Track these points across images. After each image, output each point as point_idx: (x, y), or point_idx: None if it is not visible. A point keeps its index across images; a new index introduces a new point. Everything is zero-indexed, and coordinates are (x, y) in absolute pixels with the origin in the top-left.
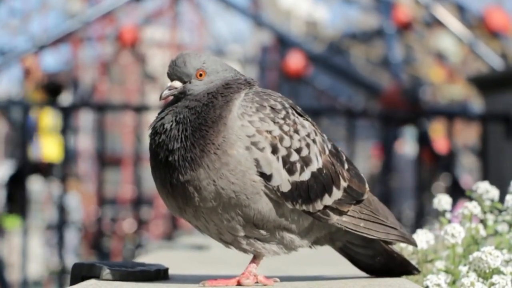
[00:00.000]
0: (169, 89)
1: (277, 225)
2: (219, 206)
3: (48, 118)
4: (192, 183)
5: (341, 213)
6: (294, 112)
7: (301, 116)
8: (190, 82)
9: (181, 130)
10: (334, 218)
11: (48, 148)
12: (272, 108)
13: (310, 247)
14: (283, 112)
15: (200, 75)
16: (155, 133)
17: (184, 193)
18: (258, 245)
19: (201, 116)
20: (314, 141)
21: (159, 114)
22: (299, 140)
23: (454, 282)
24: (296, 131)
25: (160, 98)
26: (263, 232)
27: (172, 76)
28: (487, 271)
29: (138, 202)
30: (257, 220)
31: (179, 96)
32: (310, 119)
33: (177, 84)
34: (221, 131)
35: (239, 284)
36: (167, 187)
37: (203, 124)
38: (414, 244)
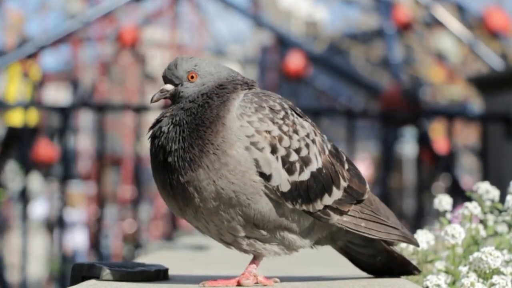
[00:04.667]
0: (161, 92)
1: (278, 225)
2: (219, 207)
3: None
4: (192, 184)
5: (341, 213)
6: (293, 112)
7: (301, 117)
8: (181, 85)
9: (179, 132)
10: (335, 218)
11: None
12: (271, 109)
13: (311, 247)
14: (282, 113)
15: (192, 77)
16: (153, 137)
17: (184, 194)
18: (259, 246)
19: (198, 117)
20: (313, 141)
21: (156, 118)
22: (298, 141)
23: (454, 282)
24: (295, 132)
25: (151, 101)
26: (263, 232)
27: (165, 79)
28: (487, 271)
29: (138, 202)
30: (257, 220)
31: (173, 99)
32: (309, 119)
33: (169, 87)
34: (220, 131)
35: (239, 284)
36: (167, 188)
37: (200, 124)
38: (415, 244)
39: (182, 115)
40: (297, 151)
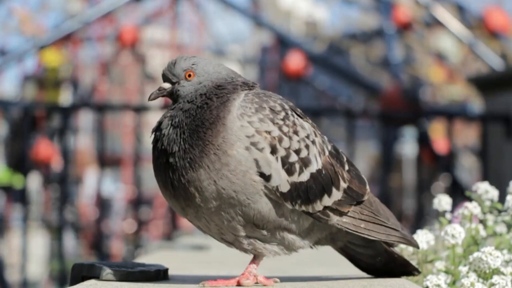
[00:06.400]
0: (158, 90)
1: (278, 226)
2: (219, 206)
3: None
4: (193, 184)
5: (341, 214)
6: (294, 113)
7: (301, 117)
8: (178, 83)
9: (179, 133)
10: (334, 219)
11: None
12: (272, 109)
13: (311, 247)
14: (283, 114)
15: (189, 75)
16: (155, 139)
17: (186, 194)
18: (259, 245)
19: (197, 118)
20: (313, 142)
21: (158, 120)
22: (298, 141)
23: (454, 282)
24: (296, 132)
25: (149, 99)
26: (264, 232)
27: (164, 77)
28: (487, 271)
29: (138, 202)
30: (257, 220)
31: (173, 98)
32: (310, 120)
33: (166, 85)
34: (220, 132)
35: (239, 284)
36: (169, 189)
37: (200, 126)
38: (415, 245)
39: (181, 116)
40: (297, 152)
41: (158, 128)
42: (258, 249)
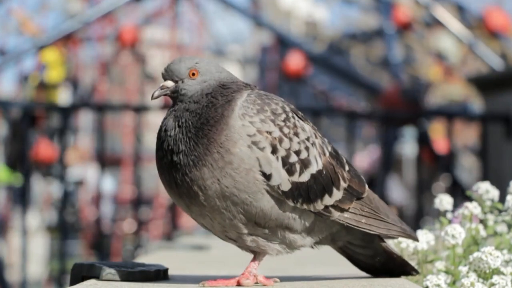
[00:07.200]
0: (161, 88)
1: (279, 224)
2: (222, 205)
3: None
4: (197, 183)
5: (342, 210)
6: (294, 115)
7: (302, 120)
8: (182, 81)
9: (185, 132)
10: (336, 215)
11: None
12: (273, 111)
13: (312, 247)
14: (284, 115)
15: (193, 74)
16: (161, 140)
17: (189, 192)
18: (262, 243)
19: (203, 117)
20: (313, 144)
21: (162, 121)
22: (299, 143)
23: (454, 282)
24: (296, 134)
25: (152, 97)
26: (265, 231)
27: (165, 76)
28: (487, 271)
29: (138, 202)
30: (259, 219)
31: (174, 96)
32: (311, 123)
33: (169, 83)
34: (223, 130)
35: (239, 284)
36: (173, 187)
37: (205, 124)
38: (415, 239)
39: (187, 116)
40: (297, 153)
41: (163, 129)
42: (261, 246)
